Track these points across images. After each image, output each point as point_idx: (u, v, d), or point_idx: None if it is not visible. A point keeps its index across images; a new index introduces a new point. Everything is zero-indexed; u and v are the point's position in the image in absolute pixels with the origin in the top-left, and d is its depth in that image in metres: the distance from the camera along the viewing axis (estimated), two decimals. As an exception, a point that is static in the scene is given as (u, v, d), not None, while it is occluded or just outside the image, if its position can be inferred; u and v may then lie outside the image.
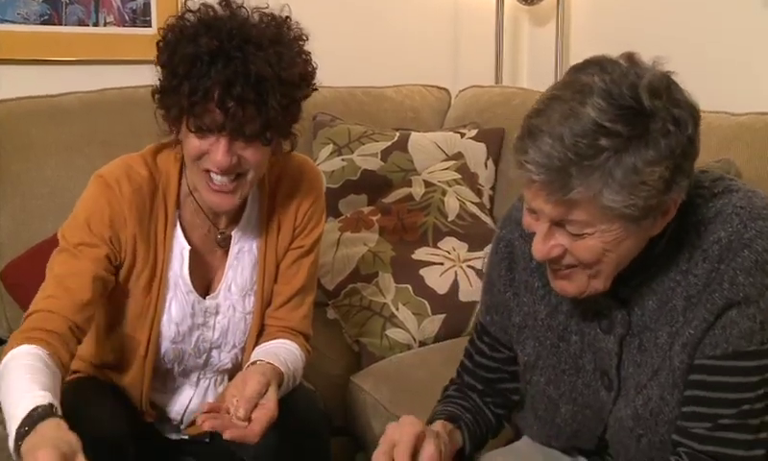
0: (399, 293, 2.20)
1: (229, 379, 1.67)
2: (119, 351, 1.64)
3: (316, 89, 1.58)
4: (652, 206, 1.14)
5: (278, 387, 1.51)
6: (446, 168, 2.46)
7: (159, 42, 1.51)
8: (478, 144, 2.53)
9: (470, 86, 2.84)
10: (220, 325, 1.67)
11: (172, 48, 1.47)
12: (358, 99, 2.71)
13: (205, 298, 1.65)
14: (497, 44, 3.05)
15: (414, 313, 2.17)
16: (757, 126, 1.95)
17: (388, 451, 1.28)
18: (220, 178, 1.51)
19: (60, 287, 1.50)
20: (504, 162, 2.52)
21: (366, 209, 2.38)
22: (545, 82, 2.93)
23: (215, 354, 1.69)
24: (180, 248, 1.62)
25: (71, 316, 1.48)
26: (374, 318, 2.17)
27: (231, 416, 1.41)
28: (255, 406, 1.43)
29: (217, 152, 1.47)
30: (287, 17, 1.54)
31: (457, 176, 2.44)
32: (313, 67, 1.55)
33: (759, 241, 1.19)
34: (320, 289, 2.16)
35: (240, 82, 1.41)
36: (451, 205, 2.36)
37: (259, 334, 1.70)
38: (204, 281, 1.66)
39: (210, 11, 1.50)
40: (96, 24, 2.51)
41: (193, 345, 1.66)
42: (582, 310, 1.33)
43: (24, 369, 1.36)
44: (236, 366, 1.70)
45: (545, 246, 1.20)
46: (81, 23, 2.49)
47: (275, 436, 1.49)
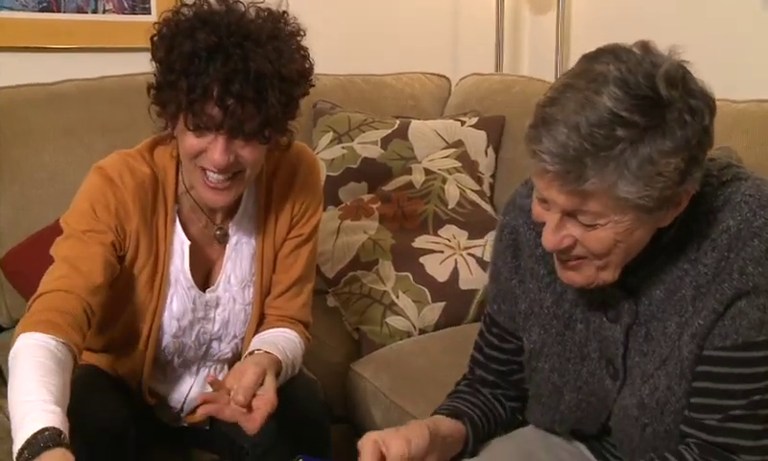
0: (399, 281, 2.19)
1: (229, 368, 1.68)
2: (119, 343, 1.63)
3: (313, 86, 1.55)
4: (666, 197, 1.13)
5: (276, 376, 1.51)
6: (447, 156, 2.46)
7: (154, 37, 1.48)
8: (478, 132, 2.52)
9: (471, 74, 2.83)
10: (220, 317, 1.66)
11: (168, 43, 1.44)
12: (358, 87, 2.70)
13: (205, 291, 1.64)
14: (498, 32, 3.04)
15: (414, 301, 2.17)
16: (757, 113, 1.94)
17: None
18: (216, 175, 1.49)
19: (72, 268, 1.46)
20: (504, 150, 2.52)
21: (366, 197, 2.38)
22: (546, 69, 2.96)
23: (215, 345, 1.69)
24: (181, 243, 1.61)
25: (86, 297, 1.44)
26: (374, 306, 2.17)
27: (231, 398, 1.41)
28: (254, 396, 1.43)
29: (215, 150, 1.45)
30: (284, 12, 1.51)
31: (457, 164, 2.44)
32: (311, 64, 1.53)
33: None
34: (320, 277, 2.16)
35: (239, 79, 1.39)
36: (451, 192, 2.36)
37: (259, 324, 1.70)
38: (204, 274, 1.65)
39: (205, 5, 1.47)
40: (95, 11, 2.50)
41: (194, 338, 1.65)
42: (588, 299, 1.32)
43: (34, 367, 1.31)
44: (236, 355, 1.70)
45: (556, 236, 1.18)
46: (80, 10, 2.48)
47: (275, 425, 1.49)
